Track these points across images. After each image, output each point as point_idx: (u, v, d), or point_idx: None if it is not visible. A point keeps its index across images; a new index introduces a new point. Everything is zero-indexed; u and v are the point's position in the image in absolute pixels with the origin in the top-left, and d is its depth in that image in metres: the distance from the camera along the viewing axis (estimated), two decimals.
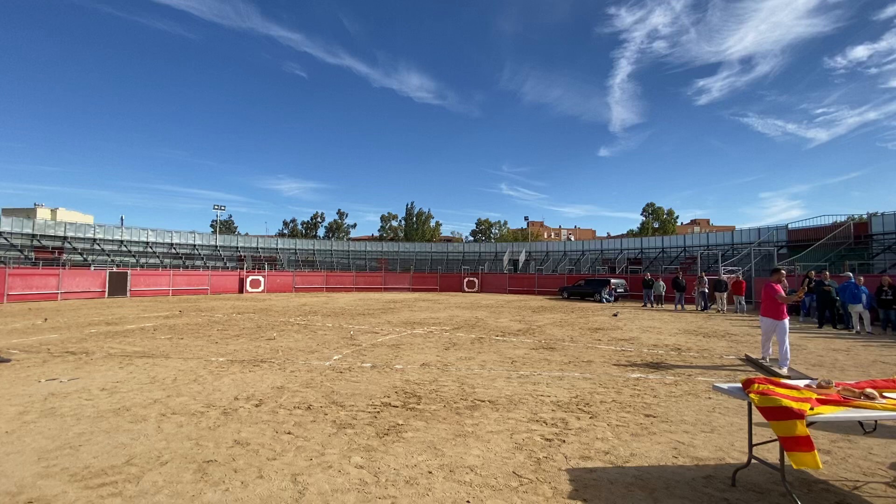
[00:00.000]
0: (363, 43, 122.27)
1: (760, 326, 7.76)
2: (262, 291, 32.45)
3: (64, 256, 30.80)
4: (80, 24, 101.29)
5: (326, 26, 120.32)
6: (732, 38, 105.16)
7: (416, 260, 47.36)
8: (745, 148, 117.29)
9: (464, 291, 36.11)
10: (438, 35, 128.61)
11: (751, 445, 3.40)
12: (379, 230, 67.68)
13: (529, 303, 24.13)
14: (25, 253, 29.87)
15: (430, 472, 3.44)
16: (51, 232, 33.21)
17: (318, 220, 66.54)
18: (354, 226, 67.78)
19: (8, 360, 7.34)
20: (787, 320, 7.31)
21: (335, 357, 8.14)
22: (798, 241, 29.51)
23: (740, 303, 18.58)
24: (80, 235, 34.53)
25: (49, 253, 30.89)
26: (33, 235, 31.88)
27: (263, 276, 33.32)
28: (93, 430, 4.29)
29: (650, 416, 4.89)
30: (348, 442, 4.04)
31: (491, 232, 71.34)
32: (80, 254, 32.50)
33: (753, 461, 3.41)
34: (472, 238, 70.93)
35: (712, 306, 19.72)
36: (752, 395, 3.23)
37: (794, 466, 2.82)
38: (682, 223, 73.27)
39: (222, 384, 6.08)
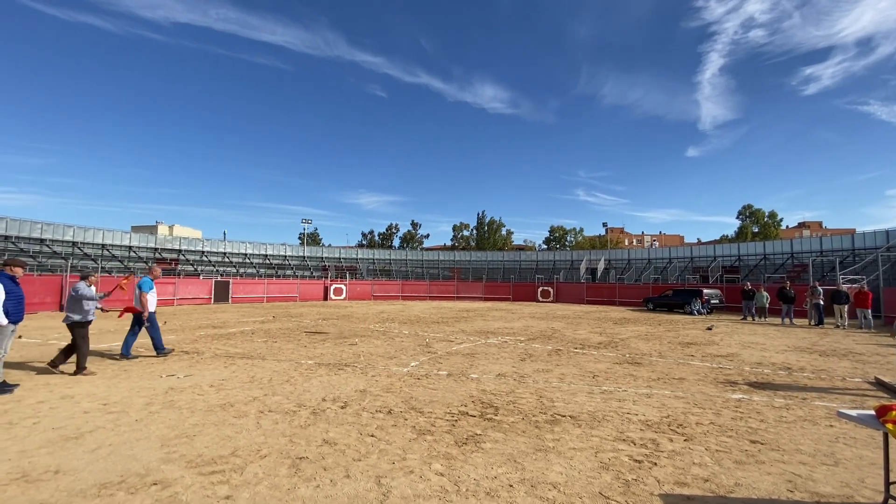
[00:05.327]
0: (439, 60, 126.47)
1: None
2: (344, 299, 34.31)
3: (179, 267, 35.14)
4: (189, 67, 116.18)
5: (406, 47, 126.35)
6: (846, 18, 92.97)
7: (488, 269, 47.23)
8: (865, 140, 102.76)
9: (538, 301, 35.24)
10: (512, 45, 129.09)
11: (887, 483, 2.90)
12: (451, 239, 68.64)
13: (610, 314, 22.92)
14: (149, 264, 34.52)
15: (511, 486, 3.37)
16: (168, 245, 38.26)
17: (393, 230, 69.12)
18: (427, 236, 69.45)
19: (136, 358, 8.50)
20: None
21: (412, 364, 8.33)
22: None
23: (865, 317, 16.05)
24: (192, 248, 39.31)
25: (167, 264, 35.39)
26: (155, 249, 36.85)
27: (345, 285, 35.27)
28: (204, 422, 4.79)
29: (756, 442, 4.37)
30: (428, 448, 4.10)
31: (566, 239, 69.11)
32: (192, 264, 36.89)
33: (891, 501, 2.90)
34: (545, 246, 69.24)
35: (829, 321, 17.28)
36: (888, 425, 2.77)
37: None
38: (787, 227, 65.59)
39: (311, 385, 6.49)
